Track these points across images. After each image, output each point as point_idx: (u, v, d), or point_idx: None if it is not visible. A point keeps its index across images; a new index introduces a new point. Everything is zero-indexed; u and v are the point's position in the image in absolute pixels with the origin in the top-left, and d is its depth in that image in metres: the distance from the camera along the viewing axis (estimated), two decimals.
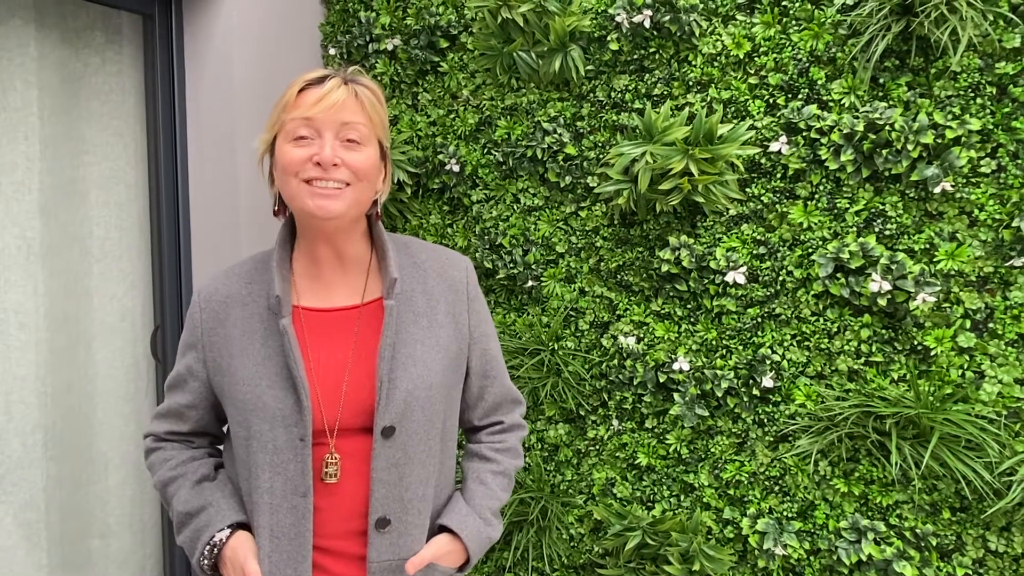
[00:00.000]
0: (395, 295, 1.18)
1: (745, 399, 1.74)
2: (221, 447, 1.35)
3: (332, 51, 2.31)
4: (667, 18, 1.75)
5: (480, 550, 1.25)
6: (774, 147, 1.68)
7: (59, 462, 1.96)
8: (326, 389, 1.15)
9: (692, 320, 1.82)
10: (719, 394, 1.74)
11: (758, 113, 1.71)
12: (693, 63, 1.78)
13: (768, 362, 1.70)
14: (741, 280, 1.72)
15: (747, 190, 1.73)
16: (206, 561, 1.16)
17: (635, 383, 1.86)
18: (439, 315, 1.23)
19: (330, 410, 1.15)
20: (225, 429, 1.33)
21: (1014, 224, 1.48)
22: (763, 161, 1.71)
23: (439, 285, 1.25)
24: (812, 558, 1.69)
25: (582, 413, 1.96)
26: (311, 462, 1.13)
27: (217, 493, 1.21)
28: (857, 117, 1.59)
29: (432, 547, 1.20)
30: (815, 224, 1.66)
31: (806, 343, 1.69)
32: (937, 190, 1.52)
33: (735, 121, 1.73)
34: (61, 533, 1.97)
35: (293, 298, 1.21)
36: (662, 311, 1.85)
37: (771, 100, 1.70)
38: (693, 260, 1.76)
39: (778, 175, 1.70)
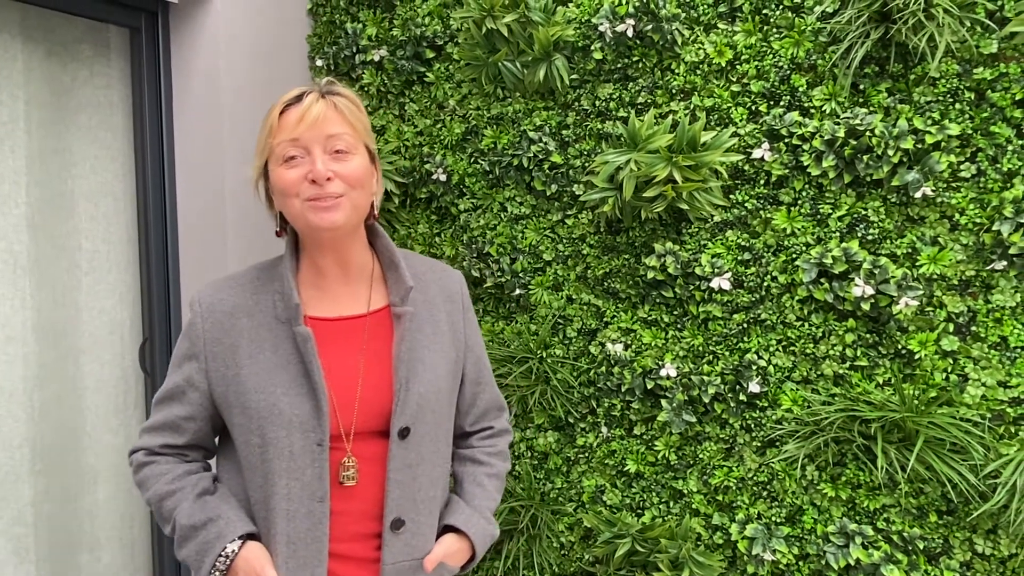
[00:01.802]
0: (409, 302, 1.25)
1: (732, 404, 1.74)
2: (211, 460, 1.35)
3: (319, 63, 2.32)
4: (649, 27, 1.76)
5: (484, 548, 1.32)
6: (757, 154, 1.69)
7: (47, 476, 1.95)
8: (340, 394, 1.19)
9: (679, 326, 1.82)
10: (706, 400, 1.74)
11: (741, 120, 1.72)
12: (676, 71, 1.80)
13: (754, 367, 1.71)
14: (726, 286, 1.72)
15: (731, 197, 1.74)
16: (218, 573, 1.16)
17: (623, 390, 1.86)
18: (441, 324, 1.30)
19: (345, 414, 1.19)
20: (217, 441, 1.33)
21: (994, 228, 1.49)
22: (746, 168, 1.73)
23: (439, 296, 1.32)
24: (801, 563, 1.69)
25: (571, 421, 1.96)
26: (328, 466, 1.17)
27: (224, 505, 1.21)
28: (838, 123, 1.60)
29: (443, 545, 1.26)
30: (798, 230, 1.67)
31: (791, 348, 1.70)
32: (918, 195, 1.54)
33: (718, 128, 1.75)
34: (50, 547, 1.96)
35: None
36: (649, 318, 1.85)
37: (753, 107, 1.72)
38: (679, 267, 1.77)
39: (761, 181, 1.72)
